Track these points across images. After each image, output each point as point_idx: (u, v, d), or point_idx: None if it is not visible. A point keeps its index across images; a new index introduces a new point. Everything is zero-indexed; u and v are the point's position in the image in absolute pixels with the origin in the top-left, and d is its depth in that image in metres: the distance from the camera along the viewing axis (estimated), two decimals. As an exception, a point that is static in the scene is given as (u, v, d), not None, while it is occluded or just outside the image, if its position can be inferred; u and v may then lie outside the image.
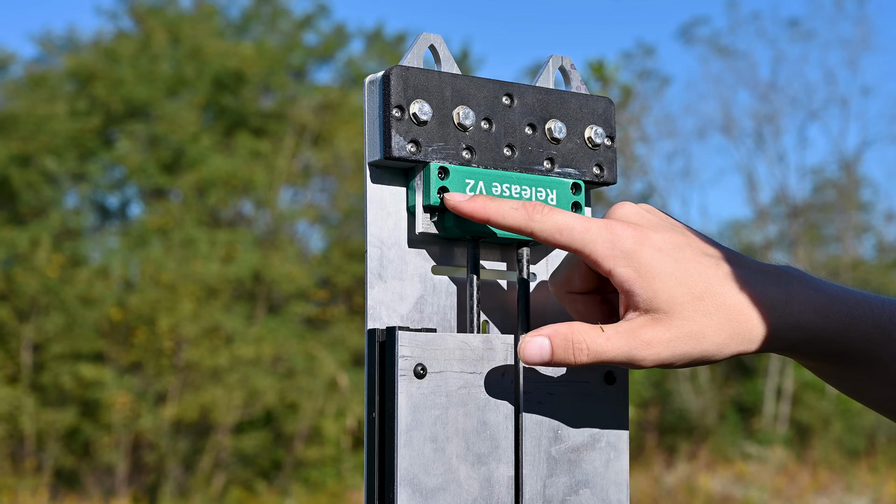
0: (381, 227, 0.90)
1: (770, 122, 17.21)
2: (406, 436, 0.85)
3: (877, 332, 0.89)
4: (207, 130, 13.43)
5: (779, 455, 11.17)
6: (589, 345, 0.85)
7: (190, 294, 11.81)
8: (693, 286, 0.86)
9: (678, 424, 13.84)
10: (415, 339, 0.86)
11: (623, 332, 0.86)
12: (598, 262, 0.86)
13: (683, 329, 0.86)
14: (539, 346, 0.86)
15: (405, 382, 0.86)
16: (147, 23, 13.62)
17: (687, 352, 0.86)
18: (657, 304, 0.85)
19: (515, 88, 0.94)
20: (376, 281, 0.90)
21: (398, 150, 0.88)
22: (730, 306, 0.86)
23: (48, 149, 12.56)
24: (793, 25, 17.52)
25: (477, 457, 0.88)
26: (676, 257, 0.86)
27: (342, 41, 14.85)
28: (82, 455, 11.73)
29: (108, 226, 14.00)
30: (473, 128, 0.92)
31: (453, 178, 0.90)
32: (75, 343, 11.65)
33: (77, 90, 13.32)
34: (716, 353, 0.87)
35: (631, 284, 0.86)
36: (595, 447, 0.93)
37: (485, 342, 0.90)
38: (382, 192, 0.91)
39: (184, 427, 11.69)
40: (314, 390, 11.68)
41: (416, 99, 0.89)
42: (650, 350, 0.86)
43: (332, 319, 13.20)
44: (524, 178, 0.93)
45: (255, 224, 14.13)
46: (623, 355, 0.86)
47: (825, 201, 17.32)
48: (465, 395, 0.88)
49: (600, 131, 0.97)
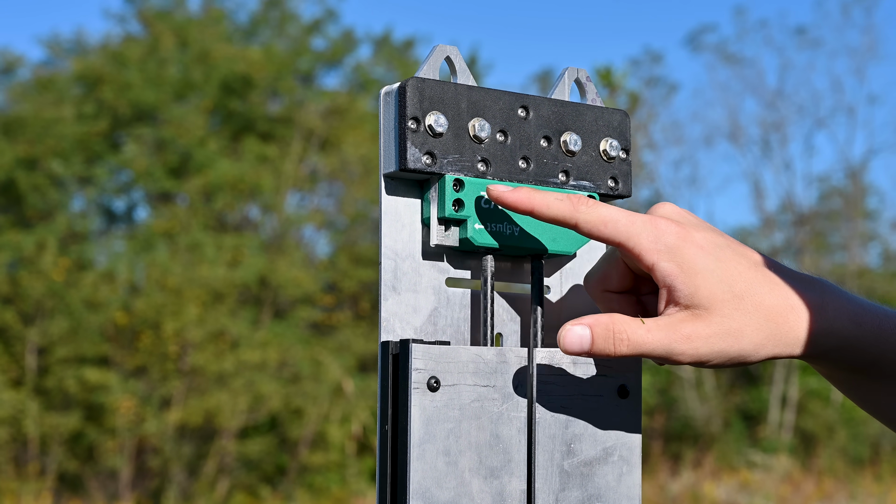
0: (396, 238, 0.90)
1: (777, 130, 17.21)
2: (419, 449, 0.85)
3: None
4: (214, 135, 13.44)
5: (783, 463, 11.15)
6: (630, 335, 0.85)
7: (196, 298, 11.81)
8: (734, 284, 0.86)
9: (683, 432, 13.82)
10: (428, 352, 0.86)
11: (663, 325, 0.86)
12: (641, 255, 0.86)
13: (723, 326, 0.86)
14: (579, 336, 0.85)
15: (418, 395, 0.85)
16: (155, 27, 13.63)
17: (724, 349, 0.86)
18: (698, 300, 0.86)
19: (531, 101, 0.94)
20: (390, 293, 0.89)
21: (413, 161, 0.88)
22: (768, 307, 0.87)
23: (55, 152, 12.58)
24: (800, 33, 17.52)
25: (489, 470, 0.88)
26: (718, 256, 0.87)
27: (350, 46, 14.87)
28: (86, 459, 11.73)
29: (115, 230, 14.01)
30: (489, 140, 0.92)
31: (468, 190, 0.90)
32: (80, 347, 11.65)
33: (84, 93, 13.34)
34: (752, 353, 0.87)
35: (673, 279, 0.86)
36: (608, 461, 0.93)
37: (498, 355, 0.89)
38: (397, 204, 0.91)
39: (188, 432, 11.69)
40: (319, 396, 11.68)
41: (432, 111, 0.89)
42: (689, 344, 0.86)
43: (337, 325, 13.20)
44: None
45: (262, 229, 14.14)
46: (663, 348, 0.86)
47: (831, 209, 17.31)
48: (479, 409, 0.88)
49: (615, 144, 0.97)
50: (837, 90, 17.48)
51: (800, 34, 17.54)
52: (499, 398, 0.89)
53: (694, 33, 19.12)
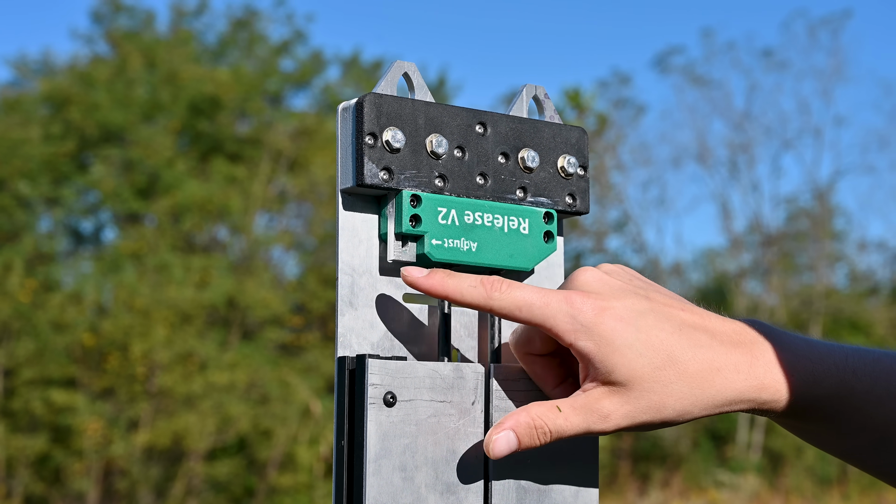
0: (353, 254, 0.90)
1: (744, 152, 17.30)
2: (375, 464, 0.85)
3: (841, 386, 0.89)
4: (183, 155, 13.40)
5: (751, 483, 11.17)
6: (550, 427, 0.86)
7: (163, 320, 11.75)
8: (654, 356, 0.86)
9: (651, 452, 13.83)
10: (385, 367, 0.86)
11: (580, 407, 0.86)
12: (558, 336, 0.86)
13: (642, 401, 0.86)
14: (507, 441, 0.86)
15: (375, 410, 0.85)
16: (123, 47, 13.60)
17: (646, 421, 0.87)
18: (616, 377, 0.85)
19: (489, 117, 0.94)
20: (347, 308, 0.89)
21: (371, 177, 0.88)
22: (692, 373, 0.86)
23: (22, 173, 12.51)
24: (767, 56, 17.61)
25: (446, 486, 0.88)
26: (638, 326, 0.86)
27: (319, 67, 14.87)
28: (53, 482, 11.64)
29: (82, 251, 13.94)
30: (446, 156, 0.92)
31: (426, 206, 0.90)
32: (47, 368, 11.57)
33: (52, 114, 13.28)
34: (677, 419, 0.87)
35: (591, 358, 0.86)
36: (565, 477, 0.93)
37: (455, 371, 0.89)
38: (354, 220, 0.90)
39: (156, 453, 11.62)
40: (288, 417, 11.63)
41: (389, 126, 0.89)
42: (608, 422, 0.86)
43: (306, 346, 13.16)
44: (497, 207, 0.93)
45: (230, 250, 14.09)
46: (583, 430, 0.86)
47: (799, 230, 17.39)
48: (435, 424, 0.88)
49: (573, 161, 0.97)
50: (804, 112, 17.58)
51: (767, 56, 17.64)
52: (455, 413, 0.89)
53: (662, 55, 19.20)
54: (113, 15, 14.08)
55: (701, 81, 17.42)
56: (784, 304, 15.97)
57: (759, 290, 16.79)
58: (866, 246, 17.78)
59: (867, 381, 0.89)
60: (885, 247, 18.30)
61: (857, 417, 0.90)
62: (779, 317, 15.49)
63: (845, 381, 0.89)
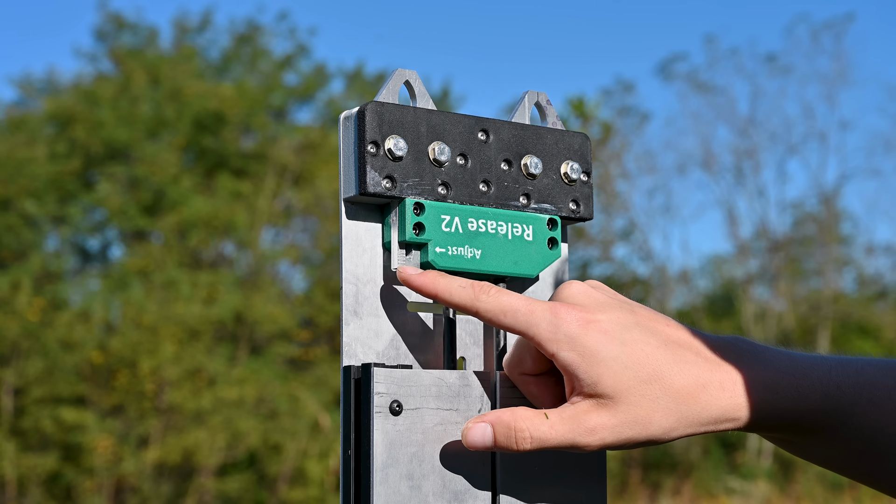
0: (357, 263, 0.90)
1: (749, 157, 17.28)
2: (382, 473, 0.85)
3: (825, 401, 0.89)
4: (188, 172, 13.42)
5: (762, 489, 11.14)
6: (532, 433, 0.85)
7: (171, 336, 11.76)
8: (640, 369, 0.85)
9: (662, 460, 13.80)
10: (390, 376, 0.86)
11: (567, 417, 0.85)
12: (541, 345, 0.86)
13: (629, 415, 0.85)
14: (482, 433, 0.85)
15: (381, 419, 0.85)
16: (127, 65, 13.62)
17: (632, 437, 0.86)
18: (601, 389, 0.85)
19: (491, 124, 0.94)
20: (352, 318, 0.89)
21: (373, 186, 0.88)
22: (678, 389, 0.86)
23: (28, 192, 12.53)
24: (770, 61, 17.59)
25: (453, 494, 0.88)
26: (623, 339, 0.85)
27: (322, 81, 14.88)
28: (64, 500, 11.64)
29: (89, 268, 13.95)
30: (449, 163, 0.91)
31: (429, 213, 0.90)
32: (56, 387, 11.58)
33: (57, 133, 13.30)
34: (662, 436, 0.86)
35: (575, 369, 0.85)
36: (573, 482, 0.93)
37: (461, 379, 0.89)
38: (358, 229, 0.90)
39: (167, 470, 11.62)
40: (297, 431, 11.63)
41: (392, 135, 0.89)
42: (594, 436, 0.85)
43: (314, 360, 13.16)
44: (500, 214, 0.93)
45: (237, 265, 14.10)
46: (567, 442, 0.85)
47: (805, 235, 17.36)
48: (442, 432, 0.88)
49: (576, 167, 0.97)
50: (809, 116, 17.56)
51: (770, 61, 17.62)
52: (462, 422, 0.89)
53: (665, 62, 19.20)
54: (116, 32, 14.11)
55: (704, 88, 17.41)
56: (792, 309, 15.94)
57: (767, 296, 16.77)
58: (874, 250, 17.75)
59: (851, 394, 0.89)
60: (892, 250, 18.27)
61: (842, 429, 0.90)
62: (787, 322, 15.47)
63: (829, 396, 0.89)
